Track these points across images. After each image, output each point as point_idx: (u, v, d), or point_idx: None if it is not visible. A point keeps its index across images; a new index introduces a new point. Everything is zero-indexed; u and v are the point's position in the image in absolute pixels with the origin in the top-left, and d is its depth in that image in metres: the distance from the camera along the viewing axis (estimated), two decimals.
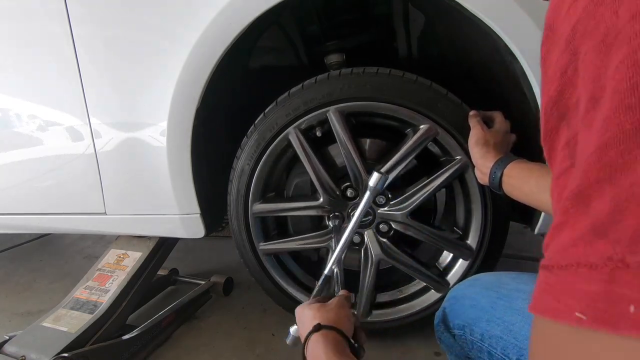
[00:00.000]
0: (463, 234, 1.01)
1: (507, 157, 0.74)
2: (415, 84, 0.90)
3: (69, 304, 1.16)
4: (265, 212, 1.06)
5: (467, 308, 0.61)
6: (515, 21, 0.79)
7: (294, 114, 0.95)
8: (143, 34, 0.97)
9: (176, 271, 1.57)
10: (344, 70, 0.94)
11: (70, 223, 1.23)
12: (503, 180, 0.71)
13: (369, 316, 1.07)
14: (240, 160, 1.02)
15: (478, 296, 0.61)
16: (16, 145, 1.19)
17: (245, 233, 1.07)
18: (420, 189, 0.96)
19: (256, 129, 0.99)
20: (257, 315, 1.30)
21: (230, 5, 0.86)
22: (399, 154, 0.93)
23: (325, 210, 1.02)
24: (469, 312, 0.60)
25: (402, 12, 1.20)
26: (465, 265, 1.01)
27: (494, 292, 0.59)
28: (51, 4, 0.99)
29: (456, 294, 0.65)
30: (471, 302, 0.61)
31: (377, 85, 0.91)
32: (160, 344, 1.18)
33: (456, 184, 1.00)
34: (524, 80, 0.84)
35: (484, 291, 0.61)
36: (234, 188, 1.05)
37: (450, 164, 0.93)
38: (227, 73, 0.99)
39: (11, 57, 1.11)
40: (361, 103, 0.93)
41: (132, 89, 1.00)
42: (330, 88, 0.93)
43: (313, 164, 0.97)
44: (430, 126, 0.91)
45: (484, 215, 0.96)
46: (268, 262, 1.10)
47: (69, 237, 2.23)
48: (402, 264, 1.02)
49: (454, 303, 0.64)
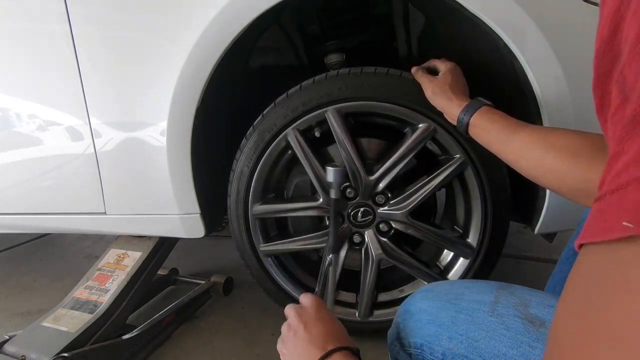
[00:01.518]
0: (463, 233, 1.01)
1: (472, 104, 0.76)
2: (413, 83, 0.90)
3: (69, 304, 1.16)
4: (265, 213, 1.06)
5: (424, 324, 0.54)
6: (515, 21, 0.79)
7: (293, 115, 0.95)
8: (143, 34, 0.97)
9: (176, 271, 1.57)
10: (342, 70, 0.94)
11: (70, 223, 1.23)
12: (469, 128, 0.76)
13: (371, 316, 1.07)
14: (239, 162, 1.02)
15: (435, 310, 0.55)
16: (16, 145, 1.19)
17: (246, 234, 1.07)
18: (419, 187, 0.96)
19: (255, 130, 1.00)
20: (257, 315, 1.30)
21: (230, 5, 0.86)
22: (398, 153, 0.94)
23: (325, 211, 1.02)
24: (427, 329, 0.54)
25: (402, 12, 1.20)
26: (466, 264, 1.01)
27: (452, 305, 0.54)
28: (51, 4, 0.99)
29: (409, 308, 0.58)
30: (428, 317, 0.55)
31: (375, 84, 0.91)
32: (160, 343, 1.18)
33: (456, 182, 1.00)
34: (524, 80, 0.84)
35: (441, 304, 0.55)
36: (233, 189, 1.05)
37: (450, 162, 0.93)
38: (227, 73, 0.99)
39: (11, 57, 1.11)
40: (359, 103, 0.93)
41: (132, 89, 1.00)
42: (328, 88, 0.93)
43: (312, 164, 0.97)
44: (429, 125, 0.91)
45: (484, 213, 0.96)
46: (269, 263, 1.10)
47: (69, 237, 2.23)
48: (403, 263, 1.02)
49: (408, 318, 0.57)
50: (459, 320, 0.52)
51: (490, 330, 0.49)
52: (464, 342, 0.50)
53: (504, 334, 0.48)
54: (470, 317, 0.51)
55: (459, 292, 0.56)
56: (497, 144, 0.70)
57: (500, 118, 0.71)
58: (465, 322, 0.51)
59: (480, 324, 0.50)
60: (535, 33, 0.79)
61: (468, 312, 0.52)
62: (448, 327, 0.52)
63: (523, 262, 1.58)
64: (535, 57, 0.81)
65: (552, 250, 1.52)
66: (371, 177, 0.96)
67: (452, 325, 0.52)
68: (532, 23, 0.79)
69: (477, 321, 0.51)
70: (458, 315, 0.52)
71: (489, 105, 0.76)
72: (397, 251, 1.01)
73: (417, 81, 0.88)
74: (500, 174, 0.94)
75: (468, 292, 0.55)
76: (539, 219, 0.94)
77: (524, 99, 0.86)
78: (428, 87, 0.85)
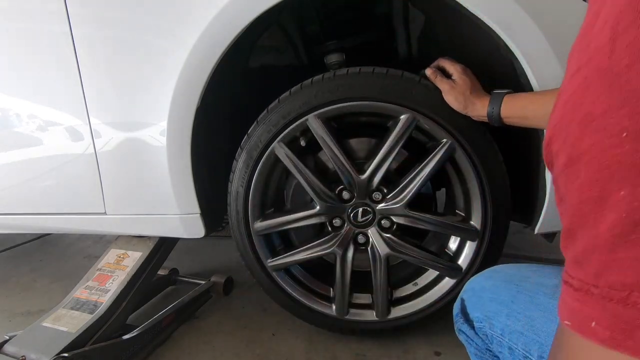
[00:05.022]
0: (466, 216, 1.00)
1: (494, 100, 0.81)
2: (387, 77, 0.90)
3: (69, 304, 1.16)
4: (267, 229, 1.05)
5: (486, 301, 0.59)
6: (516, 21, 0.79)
7: (275, 129, 0.96)
8: (143, 34, 0.97)
9: (176, 271, 1.57)
10: (316, 77, 0.94)
11: (70, 223, 1.23)
12: (503, 120, 0.81)
13: (389, 314, 1.07)
14: (233, 183, 1.03)
15: (498, 289, 0.59)
16: (16, 145, 1.19)
17: (252, 252, 1.07)
18: (413, 178, 0.96)
19: (243, 150, 1.00)
20: (257, 315, 1.30)
21: (231, 4, 0.86)
22: (385, 148, 0.94)
23: (324, 217, 1.02)
24: (489, 306, 0.59)
25: (402, 12, 1.20)
26: (473, 246, 1.00)
27: (514, 286, 0.58)
28: (51, 4, 0.99)
29: (474, 286, 0.64)
30: (491, 295, 0.59)
31: (349, 85, 0.92)
32: (160, 343, 1.18)
33: (448, 167, 0.99)
34: (524, 80, 0.84)
35: (503, 284, 0.59)
36: (232, 210, 1.05)
37: (437, 148, 0.93)
38: (227, 73, 0.99)
39: (11, 57, 1.11)
40: (337, 106, 0.93)
41: (132, 89, 1.00)
42: (305, 97, 0.94)
43: (303, 173, 0.98)
44: (409, 115, 0.91)
45: (482, 191, 0.95)
46: (279, 278, 1.10)
47: (69, 237, 2.23)
48: (410, 256, 1.01)
49: (472, 295, 0.63)
50: (518, 299, 0.56)
51: (548, 311, 0.52)
52: (522, 320, 0.54)
53: None
54: (530, 298, 0.55)
55: (524, 275, 0.60)
56: (542, 123, 0.74)
57: (528, 102, 0.76)
58: (524, 302, 0.55)
59: (539, 304, 0.53)
60: (535, 33, 0.79)
61: (529, 293, 0.55)
62: (507, 305, 0.56)
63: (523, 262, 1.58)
64: (535, 57, 0.81)
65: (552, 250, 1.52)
66: (363, 176, 0.96)
67: (511, 304, 0.56)
68: (532, 23, 0.79)
69: (536, 302, 0.54)
70: (518, 295, 0.56)
71: (509, 92, 0.80)
72: (402, 245, 1.01)
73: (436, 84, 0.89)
74: (492, 150, 0.93)
75: (533, 275, 0.59)
76: (539, 219, 0.93)
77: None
78: (450, 93, 0.86)
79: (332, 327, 1.13)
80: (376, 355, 1.08)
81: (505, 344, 0.55)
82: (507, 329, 0.55)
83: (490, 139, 0.93)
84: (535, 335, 0.52)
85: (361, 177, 0.96)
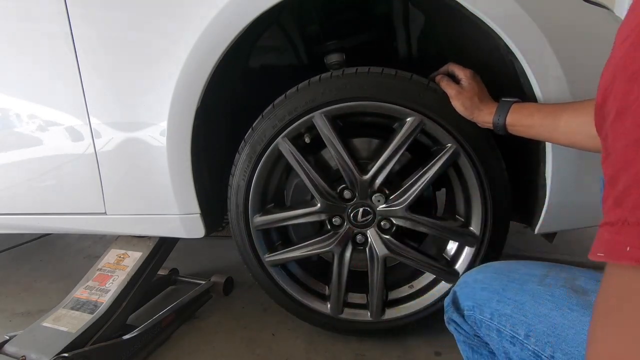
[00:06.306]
0: (465, 221, 1.01)
1: (501, 107, 0.81)
2: (395, 79, 0.90)
3: (69, 304, 1.16)
4: (266, 223, 1.05)
5: (477, 290, 0.62)
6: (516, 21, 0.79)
7: (281, 124, 0.96)
8: (143, 34, 0.97)
9: (176, 271, 1.57)
10: (324, 75, 0.94)
11: (70, 223, 1.23)
12: (507, 128, 0.81)
13: (383, 315, 1.07)
14: (235, 177, 1.03)
15: (488, 279, 0.62)
16: (16, 145, 1.19)
17: (250, 247, 1.07)
18: (415, 181, 0.96)
19: (246, 143, 1.00)
20: (257, 315, 1.30)
21: (231, 5, 0.86)
22: (389, 150, 0.94)
23: (324, 215, 1.02)
24: (480, 294, 0.61)
25: (402, 12, 1.20)
26: (471, 252, 1.00)
27: (505, 276, 0.61)
28: (51, 4, 0.99)
29: (467, 279, 0.66)
30: (482, 285, 0.62)
31: (357, 84, 0.91)
32: (160, 344, 1.18)
33: (451, 172, 1.00)
34: (524, 80, 0.84)
35: (495, 275, 0.62)
36: (232, 204, 1.05)
37: (442, 152, 0.93)
38: (227, 73, 0.99)
39: (11, 57, 1.11)
40: (344, 104, 0.93)
41: (132, 89, 1.00)
42: (312, 94, 0.93)
43: (306, 170, 0.98)
44: (416, 118, 0.91)
45: (483, 198, 0.95)
46: (276, 273, 1.10)
47: (69, 237, 2.23)
48: (408, 258, 1.01)
49: (465, 287, 0.65)
50: (509, 287, 0.59)
51: (536, 296, 0.55)
52: (511, 304, 0.57)
53: (548, 299, 0.54)
54: (519, 286, 0.58)
55: (514, 267, 0.63)
56: (545, 133, 0.75)
57: (535, 110, 0.77)
58: (514, 289, 0.58)
59: (528, 290, 0.56)
60: (535, 33, 0.79)
61: (519, 281, 0.59)
62: (498, 292, 0.59)
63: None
64: (535, 57, 0.81)
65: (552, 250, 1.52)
66: (365, 176, 0.96)
67: (502, 291, 0.59)
68: (533, 23, 0.79)
69: (525, 289, 0.57)
70: (509, 283, 0.59)
71: (517, 101, 0.80)
72: (401, 247, 1.01)
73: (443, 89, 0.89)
74: (495, 158, 0.93)
75: (523, 267, 0.62)
76: (539, 219, 0.93)
77: (524, 99, 0.86)
78: (457, 98, 0.86)
79: (325, 326, 1.13)
80: (376, 355, 1.08)
81: (493, 326, 0.58)
82: (496, 313, 0.58)
83: (494, 144, 0.92)
84: (523, 317, 0.54)
85: (364, 177, 0.96)
